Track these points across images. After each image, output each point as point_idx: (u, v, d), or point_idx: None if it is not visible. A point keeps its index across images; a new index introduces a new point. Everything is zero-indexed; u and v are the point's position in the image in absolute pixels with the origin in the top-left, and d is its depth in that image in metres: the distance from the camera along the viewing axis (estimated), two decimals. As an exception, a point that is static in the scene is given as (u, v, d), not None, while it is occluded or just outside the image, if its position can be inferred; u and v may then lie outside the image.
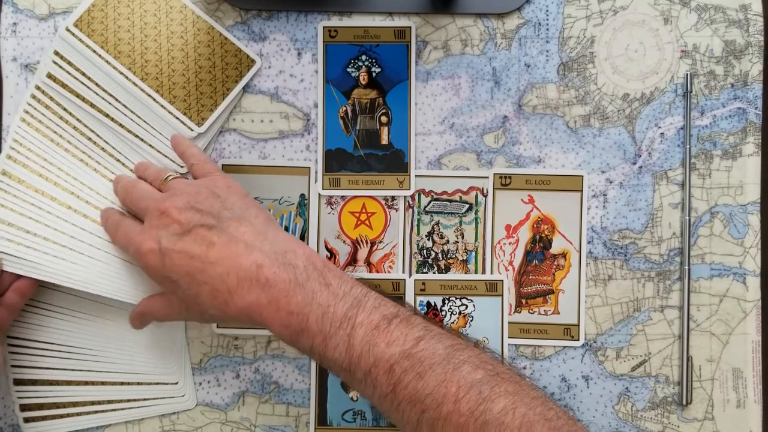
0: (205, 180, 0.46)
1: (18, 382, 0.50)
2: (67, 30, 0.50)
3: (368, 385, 0.39)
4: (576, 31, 0.52)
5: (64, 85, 0.50)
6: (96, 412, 0.51)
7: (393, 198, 0.53)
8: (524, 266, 0.52)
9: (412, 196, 0.53)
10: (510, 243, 0.52)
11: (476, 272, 0.52)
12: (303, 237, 0.52)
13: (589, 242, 0.52)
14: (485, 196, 0.52)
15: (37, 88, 0.50)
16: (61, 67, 0.50)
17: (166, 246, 0.42)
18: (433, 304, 0.52)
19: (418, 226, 0.53)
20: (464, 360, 0.39)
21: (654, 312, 0.52)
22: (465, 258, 0.53)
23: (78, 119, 0.51)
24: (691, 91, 0.52)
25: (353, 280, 0.42)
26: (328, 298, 0.40)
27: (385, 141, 0.52)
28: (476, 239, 0.53)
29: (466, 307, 0.52)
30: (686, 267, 0.51)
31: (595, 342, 0.52)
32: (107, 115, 0.51)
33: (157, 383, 0.51)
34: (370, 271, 0.52)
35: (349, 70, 0.52)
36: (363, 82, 0.52)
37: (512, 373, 0.40)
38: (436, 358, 0.38)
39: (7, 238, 0.48)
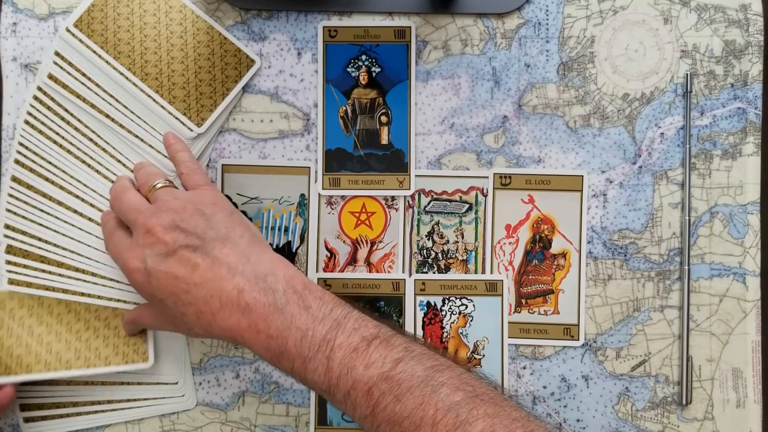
0: (192, 194, 0.46)
1: (18, 382, 0.51)
2: (67, 30, 0.50)
3: (348, 406, 0.40)
4: (576, 31, 0.52)
5: (64, 86, 0.50)
6: (96, 412, 0.51)
7: (393, 198, 0.53)
8: (524, 266, 0.52)
9: (412, 196, 0.53)
10: (510, 243, 0.52)
11: (476, 272, 0.52)
12: (303, 237, 0.52)
13: (589, 242, 0.52)
14: (485, 196, 0.53)
15: (39, 89, 0.51)
16: (61, 67, 0.50)
17: (152, 266, 0.42)
18: (433, 303, 0.52)
19: (418, 226, 0.53)
20: (443, 382, 0.38)
21: (654, 312, 0.52)
22: (465, 258, 0.53)
23: (79, 120, 0.51)
24: (691, 91, 0.52)
25: (335, 300, 0.42)
26: (307, 321, 0.40)
27: (385, 141, 0.52)
28: (476, 239, 0.53)
29: (466, 307, 0.52)
30: (686, 267, 0.51)
31: (595, 342, 0.52)
32: (108, 116, 0.51)
33: (157, 383, 0.51)
34: (370, 271, 0.52)
35: (349, 69, 0.52)
36: (363, 82, 0.52)
37: (494, 393, 0.39)
38: (415, 381, 0.38)
39: (20, 248, 0.50)
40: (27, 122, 0.50)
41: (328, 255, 0.53)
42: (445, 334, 0.52)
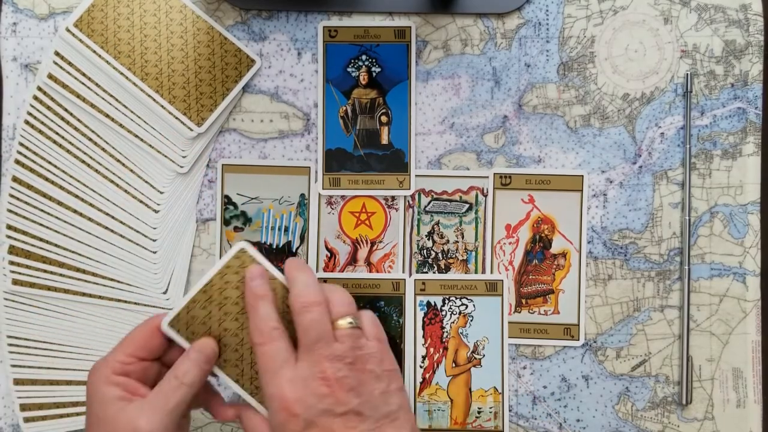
0: (376, 352, 0.43)
1: (18, 382, 0.50)
2: (67, 30, 0.50)
3: None
4: (576, 31, 0.52)
5: (64, 86, 0.50)
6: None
7: (393, 198, 0.53)
8: (524, 266, 0.52)
9: (412, 196, 0.53)
10: (510, 243, 0.52)
11: (476, 272, 0.52)
12: (303, 237, 0.52)
13: (589, 242, 0.52)
14: (485, 196, 0.53)
15: (39, 89, 0.51)
16: (61, 67, 0.50)
17: (311, 419, 0.39)
18: (433, 304, 0.52)
19: (418, 225, 0.53)
20: None
21: (654, 312, 0.52)
22: (465, 258, 0.53)
23: (79, 120, 0.51)
24: (691, 91, 0.52)
25: None
26: None
27: (385, 141, 0.52)
28: (476, 239, 0.53)
29: (466, 306, 0.52)
30: (686, 267, 0.51)
31: (595, 342, 0.52)
32: (107, 116, 0.51)
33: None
34: (370, 271, 0.52)
35: (349, 69, 0.52)
36: (363, 82, 0.52)
37: None
38: None
39: (22, 248, 0.50)
40: (27, 122, 0.51)
41: (328, 255, 0.53)
42: (445, 334, 0.52)
